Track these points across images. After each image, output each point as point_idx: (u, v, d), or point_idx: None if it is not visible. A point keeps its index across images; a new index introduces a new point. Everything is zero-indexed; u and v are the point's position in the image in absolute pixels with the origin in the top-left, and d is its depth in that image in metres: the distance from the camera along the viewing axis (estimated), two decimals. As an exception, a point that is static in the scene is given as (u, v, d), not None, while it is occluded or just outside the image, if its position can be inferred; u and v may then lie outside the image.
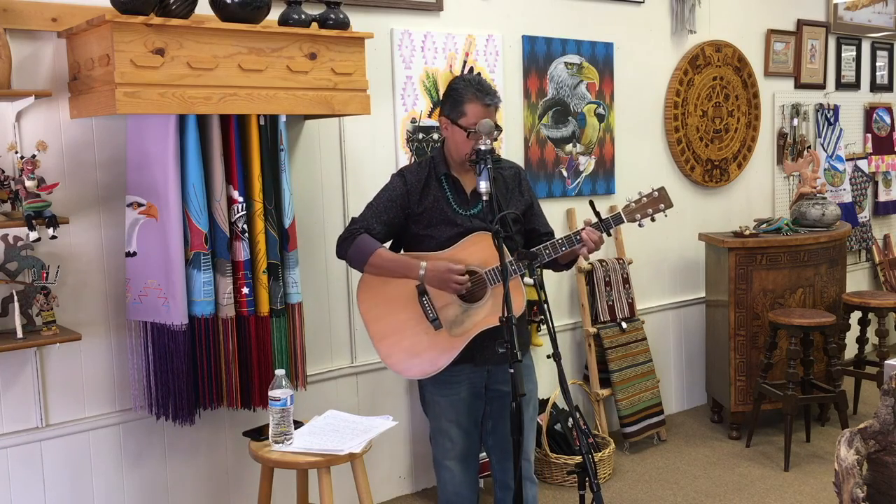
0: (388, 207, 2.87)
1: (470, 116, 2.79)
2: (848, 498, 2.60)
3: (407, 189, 2.88)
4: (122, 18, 2.66)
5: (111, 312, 3.20)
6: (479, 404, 2.96)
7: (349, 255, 2.86)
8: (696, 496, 4.07)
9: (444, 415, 2.93)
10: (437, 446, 3.00)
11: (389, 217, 2.87)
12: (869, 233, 6.33)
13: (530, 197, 3.02)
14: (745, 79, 5.38)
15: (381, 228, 2.87)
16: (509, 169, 3.00)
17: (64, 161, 3.06)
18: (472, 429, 2.96)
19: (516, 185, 2.98)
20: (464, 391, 2.92)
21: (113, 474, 3.25)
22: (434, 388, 2.93)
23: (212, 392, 3.16)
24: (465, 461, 2.96)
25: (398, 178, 2.92)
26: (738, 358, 4.76)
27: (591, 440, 4.37)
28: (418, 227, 2.88)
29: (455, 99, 2.83)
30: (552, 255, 2.81)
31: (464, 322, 2.83)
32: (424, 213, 2.87)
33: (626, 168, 4.83)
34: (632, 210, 2.89)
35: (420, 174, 2.90)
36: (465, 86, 2.82)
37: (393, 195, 2.89)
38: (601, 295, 4.63)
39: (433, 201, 2.87)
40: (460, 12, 4.10)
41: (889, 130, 6.47)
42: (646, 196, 2.89)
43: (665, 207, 2.89)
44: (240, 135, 3.12)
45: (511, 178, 2.98)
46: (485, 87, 2.82)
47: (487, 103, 2.80)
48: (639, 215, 2.88)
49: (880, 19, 6.32)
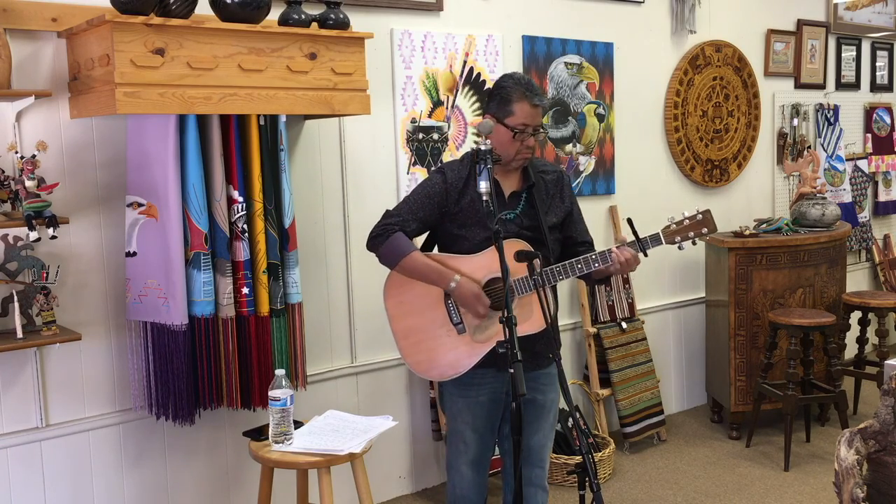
0: (425, 205, 2.81)
1: (518, 116, 2.72)
2: (848, 498, 2.60)
3: (446, 187, 2.80)
4: (122, 18, 2.66)
5: (111, 312, 3.20)
6: (497, 409, 2.90)
7: (381, 252, 2.80)
8: (696, 496, 4.07)
9: (460, 416, 2.89)
10: (450, 447, 2.96)
11: (425, 214, 2.81)
12: (869, 233, 6.33)
13: (571, 203, 2.93)
14: (745, 79, 5.38)
15: (417, 226, 2.81)
16: (552, 173, 2.92)
17: (64, 161, 3.06)
18: (486, 433, 2.92)
19: (558, 191, 2.90)
20: (484, 395, 2.86)
21: (113, 474, 3.25)
22: (454, 389, 2.88)
23: (212, 392, 3.16)
24: (476, 465, 2.93)
25: (438, 176, 2.83)
26: (738, 358, 4.76)
27: (591, 440, 4.37)
28: (453, 227, 2.82)
29: (503, 97, 2.75)
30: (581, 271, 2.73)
31: (488, 328, 2.77)
32: (461, 212, 2.80)
33: (626, 168, 4.83)
34: (672, 232, 2.76)
35: (461, 171, 2.82)
36: (514, 84, 2.75)
37: (431, 192, 2.82)
38: (601, 295, 4.63)
39: (470, 202, 2.78)
40: (460, 12, 4.11)
41: (889, 130, 6.47)
42: (688, 218, 2.76)
43: (708, 232, 2.75)
44: (240, 135, 3.12)
45: (553, 182, 2.90)
46: (534, 87, 2.76)
47: (536, 103, 2.74)
48: (679, 238, 2.75)
49: (880, 19, 6.32)
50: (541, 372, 2.86)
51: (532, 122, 2.74)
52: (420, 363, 2.84)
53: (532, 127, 2.75)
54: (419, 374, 2.88)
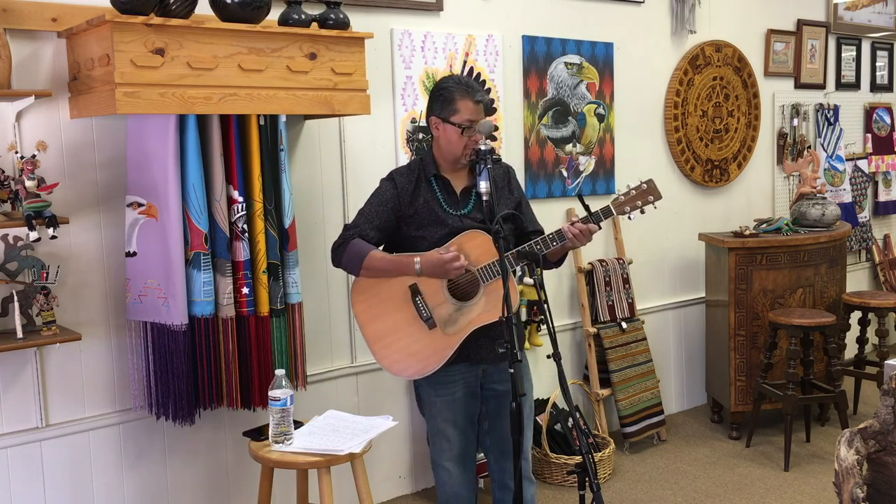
0: (380, 212, 2.89)
1: (463, 113, 2.83)
2: (848, 498, 2.60)
3: (398, 192, 2.89)
4: (122, 18, 2.66)
5: (111, 312, 3.20)
6: (474, 403, 2.98)
7: (344, 262, 2.87)
8: (696, 496, 4.07)
9: (440, 415, 2.94)
10: (434, 447, 3.00)
11: (382, 221, 2.88)
12: (869, 233, 6.33)
13: (519, 195, 3.05)
14: (745, 79, 5.38)
15: (375, 234, 2.88)
16: (500, 168, 3.02)
17: (64, 161, 3.06)
18: (468, 428, 2.98)
19: (506, 183, 3.01)
20: (459, 391, 2.93)
21: (113, 474, 3.25)
22: (430, 389, 2.95)
23: (212, 392, 3.16)
24: (462, 461, 2.97)
25: (388, 182, 2.94)
26: (738, 358, 4.76)
27: (591, 440, 4.37)
28: (410, 229, 2.90)
29: (445, 98, 2.86)
30: (548, 248, 2.83)
31: (458, 320, 2.84)
32: (415, 214, 2.89)
33: (626, 168, 4.82)
34: (621, 203, 2.89)
35: (410, 176, 2.92)
36: (455, 84, 2.87)
37: (384, 199, 2.90)
38: (601, 295, 4.63)
39: (424, 203, 2.88)
40: (460, 12, 4.10)
41: (889, 130, 6.47)
42: (634, 189, 2.89)
43: (654, 199, 2.89)
44: (240, 135, 3.12)
45: (501, 176, 3.00)
46: (473, 85, 2.88)
47: (478, 100, 2.85)
48: (628, 208, 2.88)
49: (880, 19, 6.31)
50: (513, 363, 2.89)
51: (476, 118, 2.86)
52: (395, 363, 2.89)
53: (476, 122, 2.85)
54: (396, 374, 2.92)
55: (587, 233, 2.83)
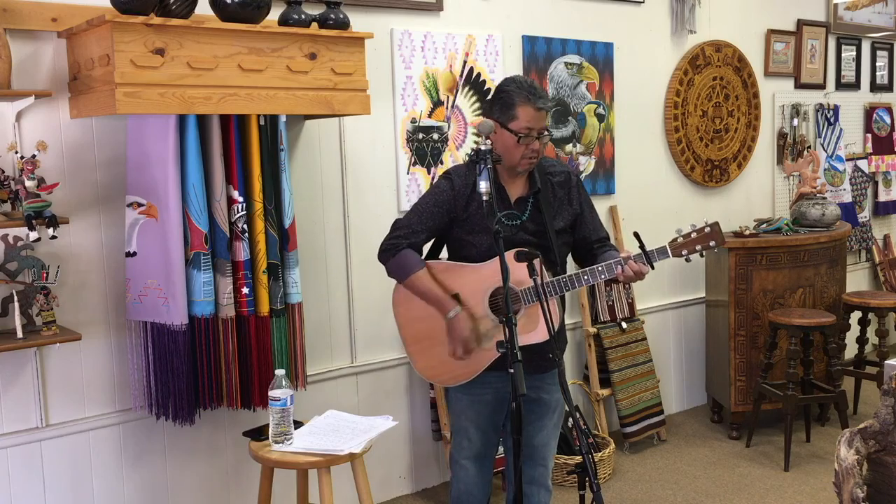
0: (434, 213, 2.80)
1: (521, 120, 2.68)
2: (848, 498, 2.60)
3: (454, 193, 2.79)
4: (122, 18, 2.66)
5: (111, 312, 3.20)
6: (502, 408, 2.91)
7: (389, 268, 2.83)
8: (696, 496, 4.07)
9: (464, 413, 2.92)
10: (454, 444, 2.99)
11: (435, 223, 2.81)
12: (869, 233, 6.33)
13: (579, 205, 2.89)
14: (745, 79, 5.38)
15: (426, 235, 2.82)
16: (559, 174, 2.88)
17: (64, 161, 3.06)
18: (490, 430, 2.94)
19: (565, 194, 2.87)
20: (488, 394, 2.87)
21: (113, 474, 3.25)
22: (459, 387, 2.90)
23: (212, 392, 3.16)
24: (480, 461, 2.96)
25: (446, 182, 2.82)
26: (738, 358, 4.76)
27: (591, 440, 4.37)
28: (462, 232, 2.82)
29: (506, 101, 2.71)
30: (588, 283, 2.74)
31: (494, 336, 2.76)
32: (468, 219, 2.79)
33: (626, 168, 4.83)
34: (679, 245, 2.72)
35: (468, 178, 2.79)
36: (517, 88, 2.70)
37: (440, 199, 2.81)
38: (601, 295, 4.63)
39: (477, 207, 2.75)
40: (460, 12, 4.10)
41: (889, 130, 6.47)
42: (696, 231, 2.71)
43: (716, 245, 2.70)
44: (240, 135, 3.12)
45: (560, 185, 2.86)
46: (537, 91, 2.71)
47: (540, 107, 2.70)
48: (686, 251, 2.71)
49: (880, 19, 6.31)
50: (548, 373, 2.88)
51: (536, 126, 2.70)
52: (428, 368, 2.87)
53: (536, 130, 2.71)
54: (429, 379, 2.92)
55: (640, 273, 2.69)
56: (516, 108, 2.69)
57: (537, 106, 2.69)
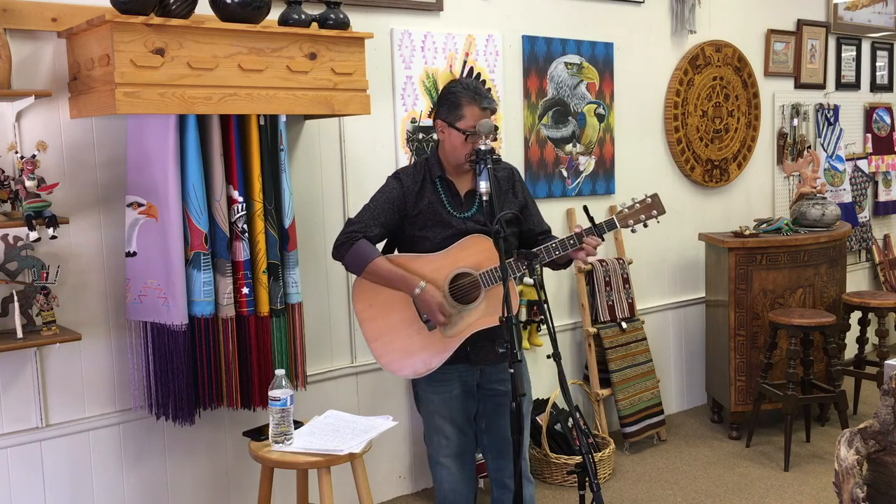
0: (385, 210, 2.90)
1: (468, 119, 2.83)
2: (848, 498, 2.60)
3: (403, 191, 2.91)
4: (122, 18, 2.66)
5: (111, 312, 3.20)
6: (471, 402, 3.00)
7: (346, 261, 2.89)
8: (696, 496, 4.07)
9: (437, 412, 2.97)
10: (431, 444, 3.02)
11: (386, 219, 2.90)
12: (869, 233, 6.33)
13: (524, 197, 3.05)
14: (745, 79, 5.38)
15: (378, 231, 2.90)
16: (504, 170, 3.03)
17: (64, 161, 3.06)
18: (465, 426, 3.00)
19: (510, 186, 3.02)
20: (456, 389, 2.96)
21: (113, 474, 3.25)
22: (427, 386, 2.97)
23: (212, 392, 3.16)
24: (460, 458, 2.99)
25: (394, 181, 2.95)
26: (738, 358, 4.76)
27: (591, 440, 4.37)
28: (413, 229, 2.91)
29: (452, 102, 2.85)
30: (551, 256, 2.83)
31: (457, 323, 2.86)
32: (420, 215, 2.90)
33: (626, 168, 4.83)
34: (625, 216, 2.90)
35: (416, 176, 2.93)
36: (463, 90, 2.86)
37: (390, 197, 2.91)
38: (601, 295, 4.63)
39: (428, 204, 2.89)
40: (460, 12, 4.11)
41: (889, 130, 6.47)
42: (639, 202, 2.89)
43: (658, 214, 2.89)
44: (240, 135, 3.12)
45: (505, 179, 3.01)
46: (482, 92, 2.87)
47: (485, 107, 2.84)
48: (631, 221, 2.89)
49: (880, 19, 6.31)
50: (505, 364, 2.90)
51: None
52: (393, 362, 2.92)
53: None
54: (393, 372, 2.96)
55: (591, 245, 2.84)
56: (463, 108, 2.83)
57: (482, 106, 2.84)
